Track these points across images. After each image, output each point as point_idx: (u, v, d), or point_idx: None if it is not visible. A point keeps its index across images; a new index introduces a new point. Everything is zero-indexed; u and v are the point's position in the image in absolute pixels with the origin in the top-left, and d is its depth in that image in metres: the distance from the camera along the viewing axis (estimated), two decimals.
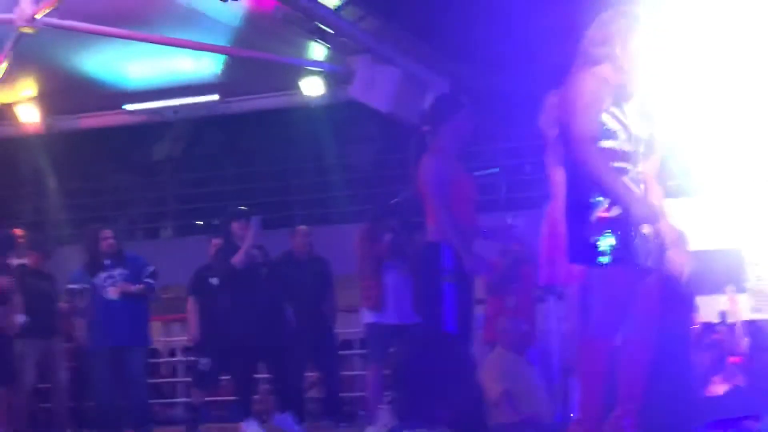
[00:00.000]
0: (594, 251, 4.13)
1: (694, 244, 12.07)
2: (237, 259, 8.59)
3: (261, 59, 10.46)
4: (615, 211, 4.16)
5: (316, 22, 9.50)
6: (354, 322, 10.31)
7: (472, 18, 9.72)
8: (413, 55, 10.50)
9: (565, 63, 4.58)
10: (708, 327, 10.58)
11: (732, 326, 10.22)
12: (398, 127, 10.96)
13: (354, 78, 10.37)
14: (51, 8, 8.63)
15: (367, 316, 8.76)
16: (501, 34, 9.76)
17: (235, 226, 8.80)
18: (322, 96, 11.30)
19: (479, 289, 7.61)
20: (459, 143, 6.10)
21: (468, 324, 6.03)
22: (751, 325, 10.22)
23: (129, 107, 12.16)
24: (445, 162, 5.95)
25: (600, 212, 4.16)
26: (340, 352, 11.16)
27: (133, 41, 9.71)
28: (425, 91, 10.56)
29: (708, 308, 11.89)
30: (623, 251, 4.15)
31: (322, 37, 9.77)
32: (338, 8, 9.56)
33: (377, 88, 10.12)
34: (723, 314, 11.54)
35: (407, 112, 10.37)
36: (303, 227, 10.45)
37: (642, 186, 4.33)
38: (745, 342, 9.62)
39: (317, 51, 10.64)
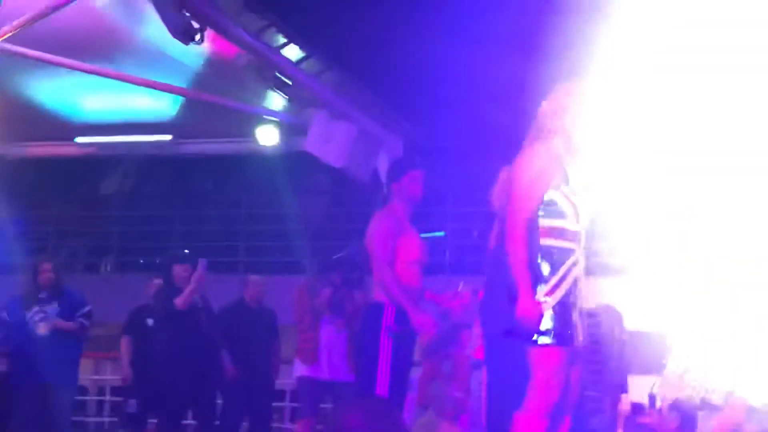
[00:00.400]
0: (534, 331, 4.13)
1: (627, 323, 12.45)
2: (180, 300, 8.52)
3: (218, 104, 10.45)
4: (559, 294, 4.18)
5: (276, 72, 9.52)
6: (288, 373, 10.24)
7: (430, 80, 9.82)
8: (370, 113, 10.56)
9: (516, 134, 4.60)
10: (637, 408, 10.63)
11: (660, 409, 10.26)
12: (350, 183, 10.99)
13: (309, 130, 10.38)
14: (9, 35, 8.56)
15: (300, 369, 8.72)
16: (458, 98, 9.88)
17: (178, 269, 8.74)
18: (277, 145, 11.29)
19: (417, 351, 7.60)
20: (410, 203, 6.12)
21: (403, 387, 6.00)
22: (679, 408, 10.28)
23: (81, 140, 12.06)
24: (395, 221, 5.96)
25: (541, 294, 4.16)
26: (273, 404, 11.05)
27: (91, 74, 9.66)
28: (379, 148, 10.62)
29: (638, 389, 12.03)
30: (562, 332, 4.16)
31: (281, 87, 9.78)
32: (299, 60, 9.60)
33: (332, 143, 10.14)
34: (652, 397, 11.62)
35: (360, 169, 10.41)
36: (255, 277, 10.36)
37: (581, 265, 4.34)
38: (673, 424, 9.65)
39: (275, 101, 10.65)
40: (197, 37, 7.73)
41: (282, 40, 9.31)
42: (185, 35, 7.74)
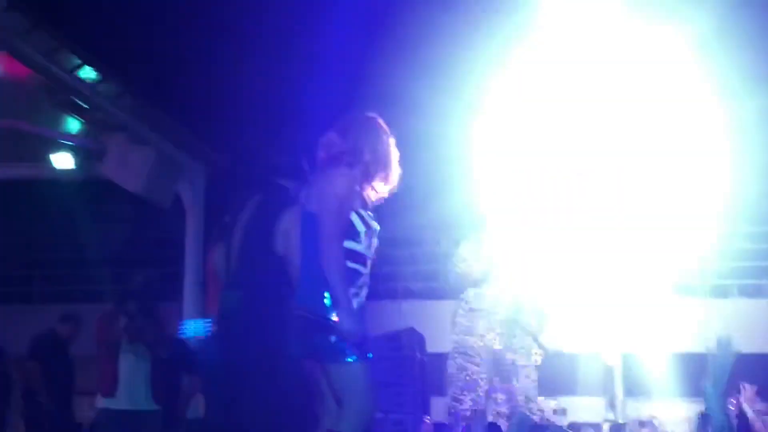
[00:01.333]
0: (340, 348, 4.18)
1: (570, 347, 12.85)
2: None
3: (11, 127, 10.09)
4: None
5: (71, 96, 9.27)
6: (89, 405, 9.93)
7: (232, 106, 9.79)
8: (169, 137, 10.42)
9: (311, 158, 4.65)
10: (440, 428, 10.85)
11: None
12: (151, 208, 10.79)
13: (107, 155, 10.14)
14: None
15: (100, 401, 8.48)
16: (261, 123, 9.88)
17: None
18: (73, 170, 10.97)
19: None
20: None
21: None
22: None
23: None
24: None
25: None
26: None
27: None
28: (180, 174, 10.48)
29: (439, 410, 12.33)
30: (362, 348, 4.22)
31: (77, 110, 9.54)
32: (95, 83, 9.38)
33: (129, 167, 9.94)
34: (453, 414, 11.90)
35: (160, 194, 10.23)
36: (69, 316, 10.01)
37: (364, 291, 4.41)
38: None
39: (71, 125, 10.37)
40: None
41: (76, 61, 9.08)
42: None
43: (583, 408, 13.86)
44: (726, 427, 5.15)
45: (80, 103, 9.38)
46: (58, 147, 10.73)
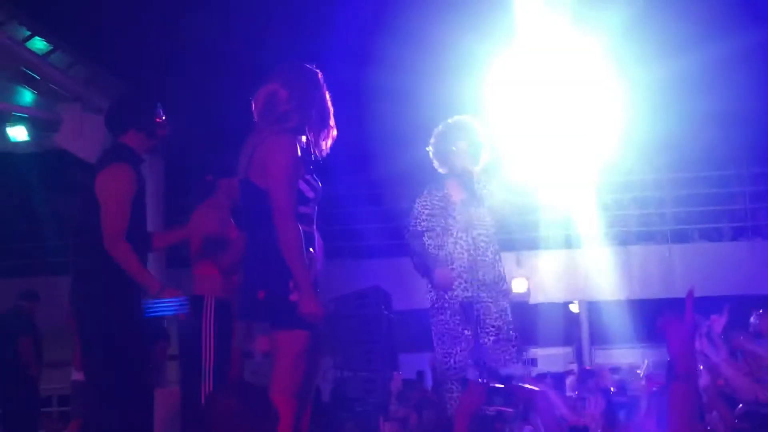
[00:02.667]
0: (293, 315, 4.14)
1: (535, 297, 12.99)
2: None
3: None
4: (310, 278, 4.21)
5: (22, 67, 9.14)
6: (56, 379, 9.87)
7: (187, 72, 9.70)
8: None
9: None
10: (409, 384, 10.97)
11: None
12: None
13: (62, 126, 10.02)
14: None
15: (75, 374, 8.40)
16: (216, 88, 9.80)
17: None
18: (28, 143, 10.83)
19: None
20: (232, 200, 5.92)
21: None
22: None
23: None
24: (218, 213, 5.83)
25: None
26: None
27: None
28: None
29: (409, 366, 12.44)
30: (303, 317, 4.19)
31: (29, 82, 9.40)
32: (46, 54, 9.25)
33: (85, 137, 9.83)
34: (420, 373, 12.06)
35: None
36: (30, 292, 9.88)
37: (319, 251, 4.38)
38: None
39: (24, 96, 10.22)
40: None
41: (26, 32, 8.94)
42: None
43: (550, 358, 14.06)
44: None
45: (32, 74, 9.23)
46: (12, 120, 10.58)
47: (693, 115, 10.97)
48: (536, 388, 5.81)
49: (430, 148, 5.73)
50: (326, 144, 4.43)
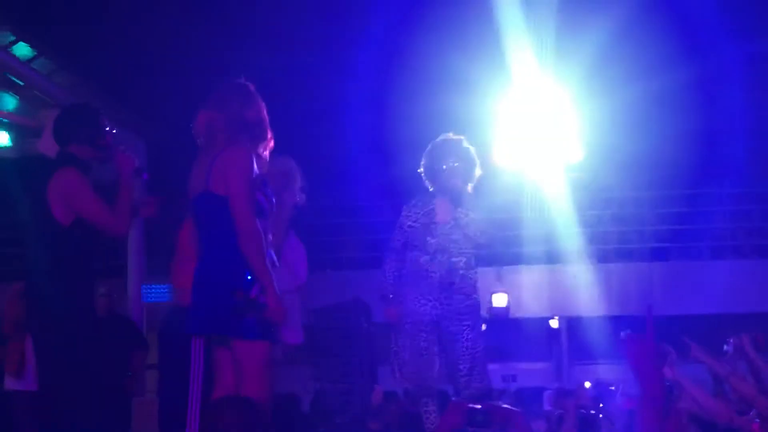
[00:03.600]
0: (242, 324, 4.16)
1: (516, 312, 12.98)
2: None
3: None
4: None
5: (6, 73, 9.11)
6: None
7: (168, 81, 9.70)
8: (107, 114, 10.26)
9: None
10: (390, 397, 10.93)
11: None
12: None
13: (44, 132, 9.98)
14: None
15: (9, 383, 8.21)
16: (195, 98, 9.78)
17: None
18: (9, 148, 10.80)
19: None
20: None
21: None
22: None
23: None
24: None
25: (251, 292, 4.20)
26: None
27: None
28: None
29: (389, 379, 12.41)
30: (267, 328, 4.21)
31: (12, 88, 9.38)
32: (29, 60, 9.23)
33: None
34: None
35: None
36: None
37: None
38: None
39: (7, 102, 10.19)
40: None
41: (10, 37, 8.93)
42: None
43: (530, 373, 14.08)
44: None
45: (15, 80, 9.21)
46: None
47: (673, 133, 11.07)
48: (514, 409, 5.83)
49: (420, 168, 5.78)
50: (266, 154, 4.49)
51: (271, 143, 4.53)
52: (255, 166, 4.33)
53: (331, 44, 9.35)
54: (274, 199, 4.43)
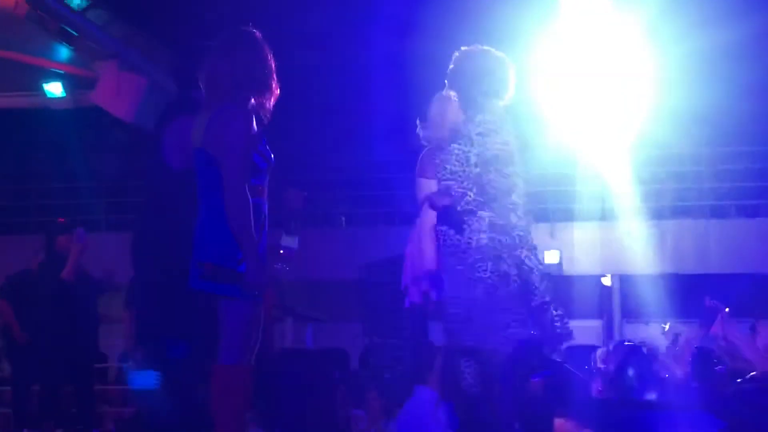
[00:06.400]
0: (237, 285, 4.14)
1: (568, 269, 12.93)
2: (66, 272, 8.09)
3: (1, 57, 9.97)
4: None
5: (61, 23, 9.12)
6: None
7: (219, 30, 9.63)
8: (162, 65, 10.26)
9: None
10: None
11: None
12: (144, 137, 10.68)
13: (98, 83, 10.02)
14: None
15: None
16: None
17: (62, 239, 8.28)
18: (65, 100, 10.87)
19: None
20: None
21: None
22: None
23: None
24: None
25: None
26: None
27: None
28: None
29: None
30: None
31: (67, 39, 9.39)
32: (84, 10, 9.22)
33: (121, 96, 9.82)
34: None
35: (152, 122, 10.12)
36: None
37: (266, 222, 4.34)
38: None
39: (62, 53, 10.23)
40: None
41: None
42: None
43: (581, 330, 13.97)
44: None
45: (70, 30, 9.22)
46: (50, 76, 10.62)
47: (733, 87, 10.82)
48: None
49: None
50: (270, 105, 4.37)
51: (277, 92, 4.41)
52: (254, 124, 4.25)
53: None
54: (272, 155, 4.35)
